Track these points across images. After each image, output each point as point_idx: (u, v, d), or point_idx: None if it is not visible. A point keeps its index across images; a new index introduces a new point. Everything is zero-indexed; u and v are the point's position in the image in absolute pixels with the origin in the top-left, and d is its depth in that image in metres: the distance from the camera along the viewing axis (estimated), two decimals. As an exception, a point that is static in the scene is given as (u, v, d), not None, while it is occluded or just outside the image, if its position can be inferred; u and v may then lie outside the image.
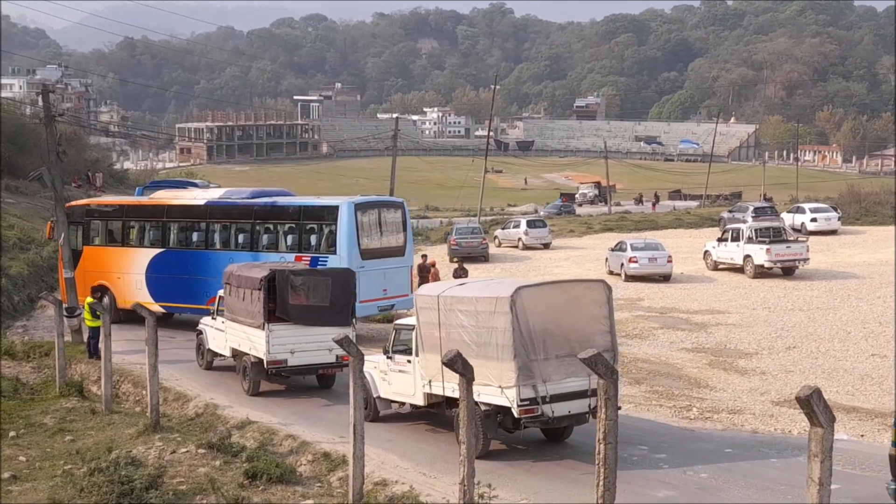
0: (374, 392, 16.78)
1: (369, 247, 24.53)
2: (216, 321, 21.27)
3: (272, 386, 20.57)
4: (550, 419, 14.38)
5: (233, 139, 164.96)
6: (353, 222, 24.16)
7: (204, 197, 28.01)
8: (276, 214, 25.94)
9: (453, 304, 15.05)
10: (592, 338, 14.49)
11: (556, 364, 14.23)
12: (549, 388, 14.15)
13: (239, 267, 20.74)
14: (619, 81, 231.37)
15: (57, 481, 14.43)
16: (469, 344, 14.44)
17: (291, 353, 19.10)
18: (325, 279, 19.47)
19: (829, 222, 51.10)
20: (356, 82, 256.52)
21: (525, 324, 14.04)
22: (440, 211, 76.84)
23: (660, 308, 30.26)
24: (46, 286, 31.86)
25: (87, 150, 68.84)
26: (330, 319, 19.01)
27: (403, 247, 25.48)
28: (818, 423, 8.10)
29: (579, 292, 15.17)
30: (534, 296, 14.43)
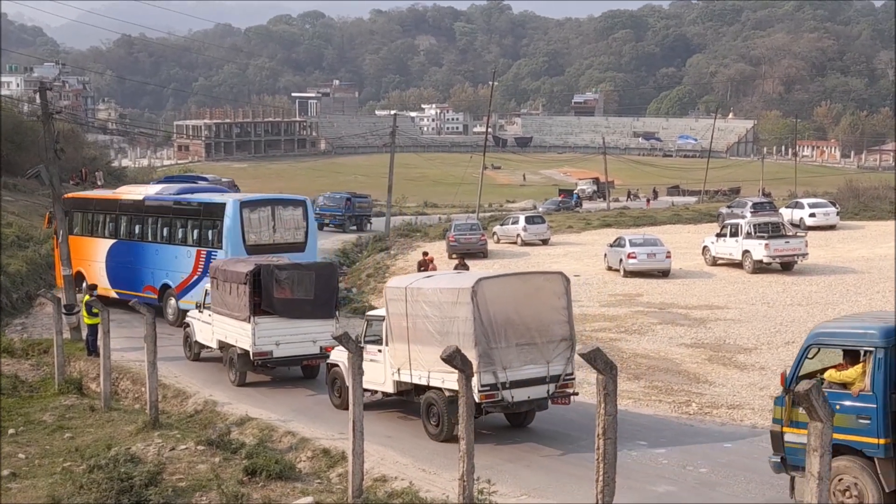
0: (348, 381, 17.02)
1: (258, 242, 25.36)
2: (203, 314, 21.78)
3: (269, 381, 20.57)
4: (510, 404, 15.02)
5: (231, 136, 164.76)
6: (237, 219, 25.21)
7: (144, 193, 29.68)
8: (184, 211, 27.24)
9: (419, 295, 15.71)
10: (551, 327, 15.31)
11: (516, 352, 14.94)
12: (509, 374, 14.80)
13: (225, 262, 21.36)
14: (617, 77, 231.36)
15: (56, 479, 14.42)
16: (433, 333, 15.26)
17: (277, 344, 19.64)
18: (308, 273, 20.03)
19: (827, 217, 51.10)
20: (354, 79, 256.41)
21: (486, 313, 14.71)
22: (438, 207, 76.82)
23: (659, 303, 30.26)
24: (45, 284, 31.84)
25: (85, 147, 68.80)
26: (314, 312, 19.79)
27: (304, 243, 26.19)
28: (817, 417, 8.11)
29: (539, 284, 15.86)
30: (494, 287, 15.13)
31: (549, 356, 15.30)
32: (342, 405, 17.25)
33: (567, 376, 15.51)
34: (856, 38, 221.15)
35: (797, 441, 11.27)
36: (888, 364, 10.93)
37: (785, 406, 11.63)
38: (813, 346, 11.82)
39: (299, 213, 26.55)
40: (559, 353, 15.44)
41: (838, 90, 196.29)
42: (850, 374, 11.30)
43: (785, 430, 11.74)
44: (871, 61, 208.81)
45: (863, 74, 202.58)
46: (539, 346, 15.22)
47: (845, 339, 11.59)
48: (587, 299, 31.43)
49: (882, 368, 10.95)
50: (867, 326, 11.53)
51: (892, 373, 10.93)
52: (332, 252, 43.98)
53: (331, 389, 18.48)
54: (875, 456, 10.96)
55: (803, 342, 12.11)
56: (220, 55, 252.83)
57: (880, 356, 10.96)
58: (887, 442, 10.87)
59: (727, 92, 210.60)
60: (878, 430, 10.91)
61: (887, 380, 10.90)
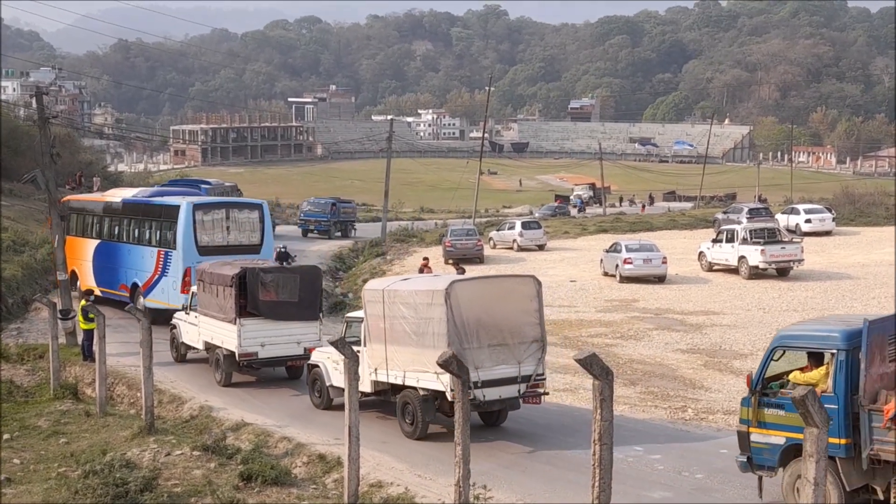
0: (328, 381, 18.02)
1: (210, 243, 26.20)
2: (189, 316, 22.27)
3: (264, 386, 20.55)
4: (482, 403, 15.38)
5: (227, 141, 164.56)
6: (189, 220, 26.13)
7: (122, 196, 31.06)
8: (149, 212, 28.26)
9: (396, 297, 16.22)
10: (523, 329, 15.80)
11: (489, 352, 15.42)
12: (481, 374, 15.18)
13: (211, 265, 21.64)
14: (613, 83, 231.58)
15: (51, 484, 14.40)
16: (409, 334, 15.78)
17: (262, 345, 20.14)
18: (293, 276, 20.57)
19: (823, 223, 51.17)
20: (350, 84, 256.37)
21: (459, 315, 15.18)
22: (435, 212, 76.80)
23: (654, 309, 30.28)
24: (41, 288, 31.78)
25: (81, 152, 68.61)
26: (299, 314, 20.32)
27: (259, 245, 26.92)
28: (813, 423, 8.12)
29: (511, 287, 16.54)
30: (467, 289, 15.66)
31: (520, 357, 15.71)
32: (323, 405, 18.27)
33: (538, 376, 15.90)
34: (851, 44, 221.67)
35: (762, 441, 11.79)
36: (849, 366, 11.18)
37: (751, 407, 11.99)
38: (778, 349, 12.14)
39: (255, 216, 27.31)
40: (530, 354, 15.83)
41: (834, 96, 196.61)
42: (813, 376, 11.56)
43: (751, 431, 12.05)
44: (867, 67, 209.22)
45: (858, 80, 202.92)
46: (511, 346, 15.65)
47: (809, 341, 11.93)
48: (583, 304, 31.46)
49: (843, 370, 11.23)
50: (830, 329, 11.82)
51: (853, 374, 11.14)
52: (328, 257, 43.98)
53: (311, 390, 18.82)
54: (837, 456, 11.16)
55: (769, 344, 12.38)
56: (217, 60, 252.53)
57: (842, 358, 11.25)
58: (848, 442, 11.15)
59: (723, 98, 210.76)
60: (840, 430, 11.15)
61: (848, 381, 11.17)
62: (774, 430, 11.83)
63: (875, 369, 11.19)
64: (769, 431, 11.89)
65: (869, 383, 11.05)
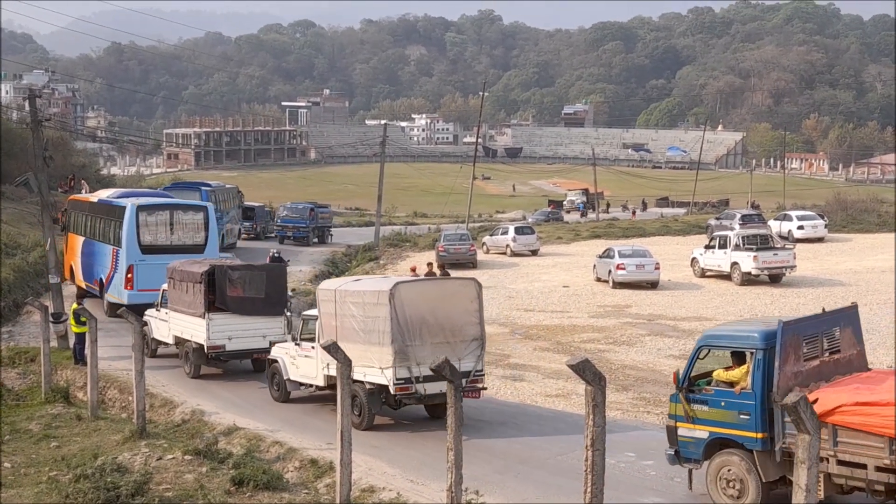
0: (285, 375, 19.04)
1: (154, 243, 27.68)
2: (160, 312, 23.20)
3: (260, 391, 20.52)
4: (423, 396, 16.57)
5: (221, 145, 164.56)
6: (133, 220, 27.58)
7: (98, 196, 33.02)
8: (110, 212, 29.59)
9: (346, 297, 17.23)
10: (464, 328, 16.91)
11: (431, 349, 16.26)
12: (423, 369, 15.99)
13: (181, 263, 22.76)
14: (607, 89, 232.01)
15: (42, 488, 14.33)
16: (358, 331, 16.81)
17: (229, 339, 21.17)
18: (260, 273, 21.74)
19: (815, 230, 51.32)
20: (344, 88, 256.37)
21: (402, 314, 16.22)
22: (428, 217, 76.76)
23: (647, 315, 30.31)
24: (32, 292, 31.71)
25: (74, 155, 68.50)
26: (265, 309, 21.33)
27: (203, 245, 28.13)
28: (805, 429, 8.13)
29: (453, 289, 17.74)
30: (411, 290, 16.71)
31: (460, 354, 16.58)
32: (281, 398, 19.29)
33: (477, 372, 16.94)
34: (844, 51, 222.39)
35: (689, 435, 12.50)
36: (766, 364, 11.80)
37: (679, 403, 12.65)
38: (704, 348, 12.76)
39: (200, 218, 28.65)
40: (470, 351, 16.87)
41: (827, 103, 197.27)
42: (735, 374, 12.27)
43: (678, 426, 12.71)
44: (860, 74, 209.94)
45: (851, 87, 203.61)
46: (452, 344, 16.60)
47: (731, 341, 12.62)
48: (576, 310, 31.47)
49: (761, 368, 11.87)
50: (750, 330, 12.48)
51: (770, 372, 11.71)
52: (321, 261, 43.93)
53: (270, 383, 19.72)
54: (754, 449, 11.90)
55: (695, 344, 13.00)
56: (211, 63, 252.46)
57: (760, 357, 11.89)
58: (764, 436, 11.81)
59: (716, 104, 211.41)
60: (757, 425, 11.87)
61: (765, 379, 11.78)
62: (699, 424, 12.45)
63: (789, 367, 11.73)
64: (694, 426, 12.52)
65: (783, 380, 11.54)
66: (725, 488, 12.26)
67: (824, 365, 12.34)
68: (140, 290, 26.65)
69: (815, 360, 12.22)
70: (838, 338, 12.75)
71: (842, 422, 11.22)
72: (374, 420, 17.19)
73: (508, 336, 27.67)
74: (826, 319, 12.83)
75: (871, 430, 10.97)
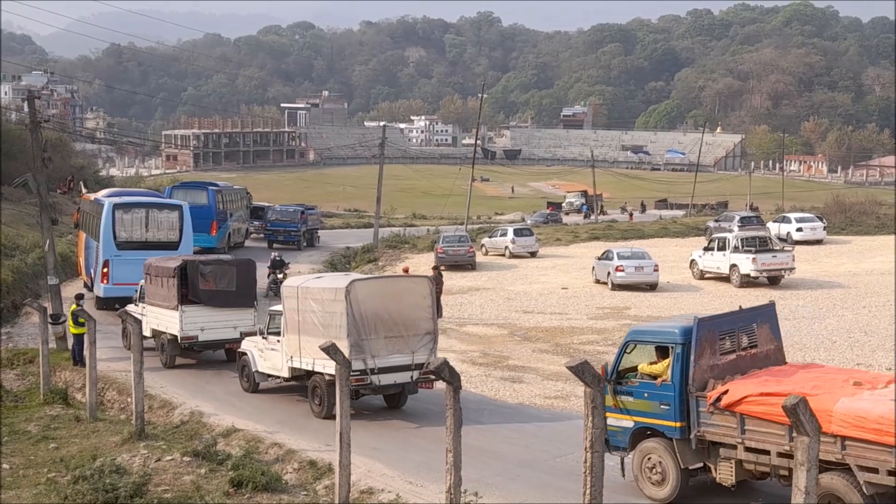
0: (254, 367, 20.10)
1: (129, 239, 29.09)
2: (138, 307, 24.15)
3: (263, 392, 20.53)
4: (378, 387, 17.65)
5: (219, 146, 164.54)
6: (109, 218, 29.06)
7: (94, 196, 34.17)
8: (96, 210, 30.87)
9: (307, 293, 18.25)
10: (417, 323, 17.94)
11: (384, 343, 17.48)
12: (378, 362, 17.35)
13: (157, 259, 24.10)
14: (605, 91, 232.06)
15: (41, 489, 14.33)
16: (317, 325, 17.78)
17: (202, 330, 22.34)
18: (230, 268, 22.82)
19: (814, 232, 51.33)
20: (343, 90, 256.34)
21: (357, 310, 17.22)
22: (427, 219, 76.77)
23: (646, 317, 30.30)
24: (31, 293, 31.70)
25: (73, 156, 68.48)
26: (235, 302, 22.52)
27: (177, 242, 29.46)
28: (804, 431, 8.13)
29: (406, 286, 18.76)
30: (366, 287, 17.74)
31: (413, 347, 17.81)
32: (250, 389, 20.30)
33: (430, 364, 17.51)
34: (843, 53, 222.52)
35: (617, 425, 13.20)
36: (684, 358, 12.57)
37: (607, 394, 13.05)
38: (630, 343, 13.63)
39: (175, 216, 29.98)
40: (423, 345, 17.96)
41: (825, 105, 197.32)
42: (657, 368, 13.01)
43: (608, 416, 12.91)
44: (859, 77, 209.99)
45: (850, 90, 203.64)
46: (405, 338, 17.76)
47: (654, 336, 13.45)
48: (575, 312, 31.48)
49: (679, 362, 12.62)
50: (671, 326, 13.28)
51: (688, 366, 12.53)
52: (321, 262, 43.89)
53: (241, 375, 20.75)
54: (673, 437, 12.70)
55: (623, 339, 13.90)
56: (210, 65, 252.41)
57: (678, 351, 12.65)
58: (682, 425, 12.59)
59: (715, 106, 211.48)
60: (675, 414, 12.65)
61: (683, 372, 12.56)
62: (626, 414, 13.24)
63: (705, 361, 12.57)
64: (622, 416, 13.29)
65: (698, 373, 12.44)
66: (649, 474, 13.01)
67: (741, 359, 13.08)
68: (115, 285, 28.13)
69: (732, 355, 13.01)
70: (755, 334, 13.51)
71: (748, 411, 11.91)
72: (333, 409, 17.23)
73: (507, 338, 27.67)
74: (743, 316, 13.62)
75: (772, 419, 11.57)
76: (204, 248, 40.20)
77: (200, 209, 41.91)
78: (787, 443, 11.44)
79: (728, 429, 12.18)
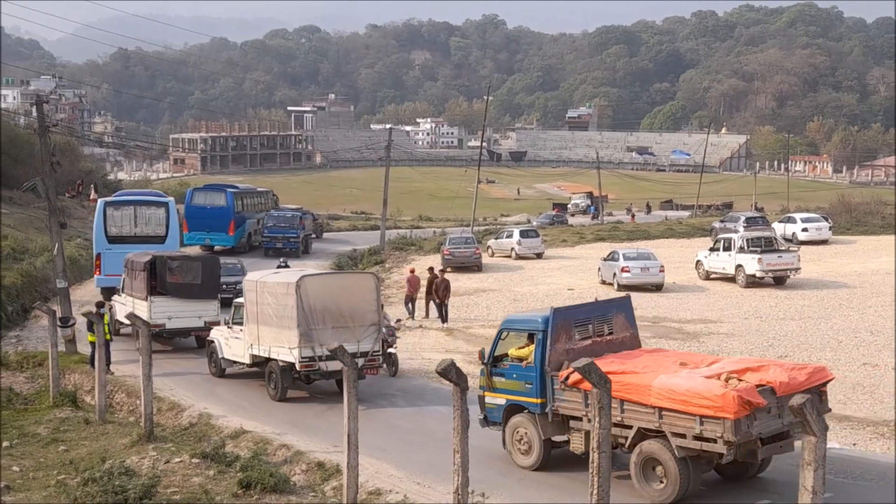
0: (220, 353, 22.05)
1: (119, 234, 31.31)
2: (121, 297, 26.40)
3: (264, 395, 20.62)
4: (326, 373, 19.44)
5: (227, 150, 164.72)
6: (101, 214, 31.54)
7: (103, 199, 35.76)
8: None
9: (264, 287, 20.18)
10: (363, 314, 19.81)
11: (332, 332, 19.12)
12: (326, 349, 17.91)
13: (135, 254, 26.08)
14: (610, 92, 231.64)
15: (50, 491, 14.43)
16: (272, 317, 19.68)
17: (169, 318, 24.27)
18: (196, 263, 25.11)
19: (819, 232, 51.24)
20: (349, 93, 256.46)
21: (307, 302, 19.04)
22: (433, 221, 76.81)
23: (652, 317, 30.31)
24: (40, 296, 31.82)
25: (81, 160, 68.66)
26: (201, 294, 24.57)
27: (164, 236, 31.55)
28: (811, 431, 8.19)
29: (353, 281, 21.02)
30: (315, 282, 19.64)
31: (359, 336, 19.53)
32: (217, 374, 22.22)
33: (374, 352, 19.79)
34: (848, 53, 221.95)
35: (493, 402, 15.12)
36: (543, 343, 14.31)
37: (484, 376, 15.27)
38: (504, 331, 15.47)
39: (162, 212, 32.01)
40: (368, 335, 19.74)
41: (830, 106, 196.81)
42: (524, 352, 14.87)
43: (485, 395, 15.29)
44: (863, 77, 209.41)
45: (854, 90, 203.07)
46: (351, 328, 19.52)
47: (523, 324, 15.26)
48: (581, 313, 31.42)
49: (540, 346, 14.38)
50: (536, 315, 15.07)
51: (545, 349, 14.26)
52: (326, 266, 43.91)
53: (209, 361, 22.69)
54: (535, 412, 14.42)
55: (499, 327, 15.76)
56: (217, 69, 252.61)
57: (540, 337, 14.42)
58: (542, 401, 14.29)
59: (720, 107, 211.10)
60: (537, 392, 14.37)
61: (543, 355, 14.28)
62: (500, 393, 15.04)
63: (561, 345, 14.37)
64: (496, 395, 15.13)
65: (554, 356, 14.24)
66: (518, 445, 14.77)
67: (597, 344, 14.82)
68: (107, 276, 30.08)
69: (588, 340, 14.78)
70: (611, 323, 15.27)
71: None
72: (287, 393, 19.86)
73: (514, 339, 27.68)
74: (598, 307, 15.61)
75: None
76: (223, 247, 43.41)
77: (219, 210, 44.46)
78: (619, 414, 13.13)
79: (575, 403, 13.84)
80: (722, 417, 12.07)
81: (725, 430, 12.09)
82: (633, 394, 13.08)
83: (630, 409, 13.16)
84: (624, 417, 13.23)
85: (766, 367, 13.23)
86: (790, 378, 12.85)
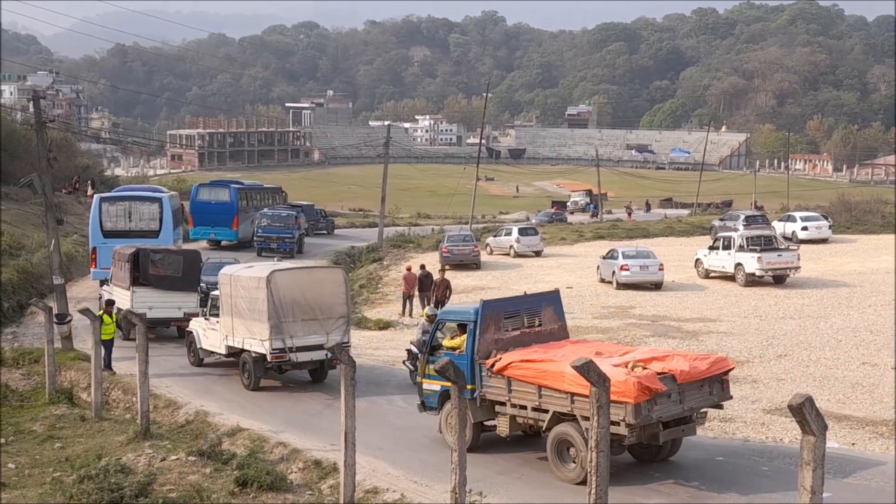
0: (199, 343, 22.99)
1: (114, 228, 32.46)
2: (109, 287, 27.69)
3: (263, 393, 20.54)
4: (296, 363, 20.46)
5: (224, 146, 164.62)
6: (97, 209, 32.78)
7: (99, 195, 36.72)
8: None
9: (237, 281, 21.02)
10: (332, 307, 20.55)
11: (302, 325, 20.08)
12: (295, 341, 20.05)
13: (122, 247, 27.22)
14: (610, 90, 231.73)
15: (46, 489, 14.36)
16: (245, 309, 20.50)
17: (150, 308, 24.46)
18: (178, 257, 26.46)
19: (819, 231, 51.20)
20: (348, 90, 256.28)
21: (277, 296, 19.81)
22: (432, 218, 76.71)
23: (651, 316, 30.28)
24: (36, 293, 31.75)
25: (78, 156, 68.54)
26: (181, 286, 25.70)
27: (157, 231, 32.78)
28: (810, 431, 8.11)
29: (322, 275, 21.73)
30: (285, 277, 20.37)
31: (328, 329, 20.35)
32: (195, 363, 23.15)
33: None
34: (848, 52, 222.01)
35: (429, 389, 16.07)
36: (474, 333, 15.15)
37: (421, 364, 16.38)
38: (441, 322, 16.54)
39: (155, 208, 33.24)
40: (338, 327, 20.53)
41: (831, 104, 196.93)
42: (457, 342, 15.74)
43: (423, 381, 16.25)
44: (864, 76, 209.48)
45: (855, 89, 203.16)
46: (321, 321, 20.33)
47: (457, 316, 16.27)
48: (580, 311, 31.44)
49: (471, 336, 15.23)
50: (468, 308, 16.07)
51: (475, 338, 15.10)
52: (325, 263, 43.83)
53: (188, 351, 23.64)
54: (467, 398, 14.41)
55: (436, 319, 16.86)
56: (214, 65, 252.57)
57: (471, 327, 15.27)
58: (472, 387, 15.01)
59: (720, 105, 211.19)
60: (468, 379, 14.77)
61: (473, 344, 15.12)
62: (435, 380, 15.62)
63: (489, 335, 15.14)
64: (433, 382, 15.88)
65: (482, 345, 15.06)
66: (452, 428, 14.44)
67: (525, 335, 15.57)
68: (102, 269, 30.76)
69: (517, 331, 15.54)
70: (540, 315, 16.03)
71: (512, 374, 14.53)
72: (259, 382, 20.64)
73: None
74: (527, 300, 16.44)
75: (528, 381, 14.31)
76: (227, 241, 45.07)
77: (223, 205, 45.45)
78: (537, 399, 14.14)
79: (500, 389, 14.80)
80: (623, 402, 12.81)
81: (627, 413, 12.86)
82: (550, 380, 13.94)
83: (547, 394, 14.05)
84: (541, 402, 14.14)
85: (671, 356, 14.16)
86: (691, 367, 13.76)
